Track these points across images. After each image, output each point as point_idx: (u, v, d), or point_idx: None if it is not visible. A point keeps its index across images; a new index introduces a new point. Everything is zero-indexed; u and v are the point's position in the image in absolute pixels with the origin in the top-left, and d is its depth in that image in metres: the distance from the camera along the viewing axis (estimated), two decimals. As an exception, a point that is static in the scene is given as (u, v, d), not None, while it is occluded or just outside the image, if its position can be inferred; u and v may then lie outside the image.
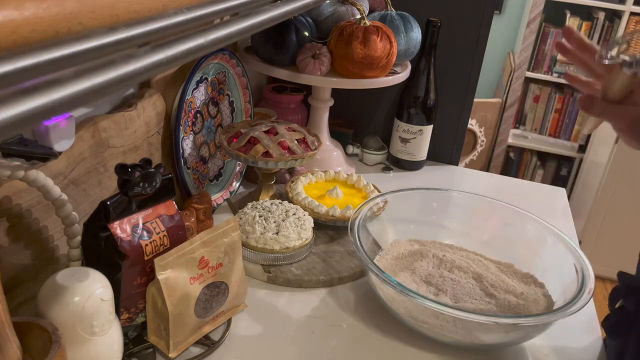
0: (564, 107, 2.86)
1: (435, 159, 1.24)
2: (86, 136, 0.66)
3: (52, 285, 0.52)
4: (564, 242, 0.79)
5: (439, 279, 0.79)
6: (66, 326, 0.50)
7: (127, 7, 0.26)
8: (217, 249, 0.64)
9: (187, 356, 0.64)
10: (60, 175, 0.62)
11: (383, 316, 0.73)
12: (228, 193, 1.00)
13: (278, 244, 0.78)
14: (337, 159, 1.11)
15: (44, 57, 0.21)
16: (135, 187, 0.57)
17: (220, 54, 0.91)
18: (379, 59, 0.96)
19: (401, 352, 0.69)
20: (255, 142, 0.88)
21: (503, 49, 2.93)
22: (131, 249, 0.57)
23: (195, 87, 0.88)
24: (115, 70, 0.24)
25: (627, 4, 2.53)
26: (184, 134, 0.87)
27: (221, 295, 0.66)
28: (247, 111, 1.03)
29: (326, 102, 1.08)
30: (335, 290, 0.79)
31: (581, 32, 2.65)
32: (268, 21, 0.38)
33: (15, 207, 0.56)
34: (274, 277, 0.78)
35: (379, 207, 0.86)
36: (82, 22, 0.23)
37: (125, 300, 0.60)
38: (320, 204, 0.89)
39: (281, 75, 0.99)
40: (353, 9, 1.02)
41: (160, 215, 0.62)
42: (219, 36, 0.32)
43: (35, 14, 0.21)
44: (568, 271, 0.75)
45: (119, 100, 0.78)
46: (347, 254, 0.85)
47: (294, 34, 0.98)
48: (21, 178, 0.53)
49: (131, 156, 0.75)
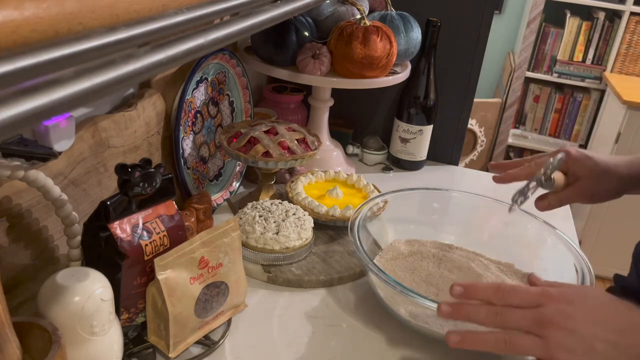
0: (564, 107, 2.86)
1: (435, 159, 1.24)
2: (86, 136, 0.66)
3: (52, 285, 0.52)
4: (564, 242, 0.79)
5: (439, 279, 0.79)
6: (66, 326, 0.50)
7: (127, 7, 0.26)
8: (217, 249, 0.64)
9: (187, 356, 0.64)
10: (60, 175, 0.62)
11: (383, 316, 0.73)
12: (228, 193, 1.00)
13: (278, 244, 0.78)
14: (337, 159, 1.11)
15: (44, 57, 0.21)
16: (135, 187, 0.57)
17: (220, 54, 0.91)
18: (379, 59, 0.96)
19: (401, 352, 0.69)
20: (255, 142, 0.88)
21: (503, 49, 2.93)
22: (131, 249, 0.57)
23: (195, 87, 0.88)
24: (115, 70, 0.24)
25: (627, 4, 2.53)
26: (184, 134, 0.87)
27: (221, 295, 0.66)
28: (247, 111, 1.03)
29: (326, 102, 1.08)
30: (335, 290, 0.79)
31: (581, 32, 2.66)
32: (268, 21, 0.38)
33: (15, 207, 0.56)
34: (274, 277, 0.78)
35: (379, 207, 0.86)
36: (82, 22, 0.23)
37: (125, 300, 0.60)
38: (320, 204, 0.89)
39: (281, 75, 0.99)
40: (353, 9, 1.02)
41: (160, 215, 0.62)
42: (219, 36, 0.32)
43: (35, 14, 0.21)
44: (568, 271, 0.75)
45: (119, 100, 0.78)
46: (347, 254, 0.85)
47: (294, 34, 0.98)
48: (21, 178, 0.53)
49: (131, 156, 0.75)
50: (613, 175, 0.71)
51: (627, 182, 0.72)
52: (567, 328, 0.52)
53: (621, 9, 2.55)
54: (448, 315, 0.58)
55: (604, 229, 2.43)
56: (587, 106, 2.80)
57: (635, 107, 2.27)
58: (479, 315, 0.56)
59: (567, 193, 0.73)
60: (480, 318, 0.56)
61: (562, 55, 2.73)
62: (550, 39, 2.73)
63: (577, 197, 0.72)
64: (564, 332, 0.52)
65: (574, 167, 0.72)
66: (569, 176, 0.73)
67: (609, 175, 0.71)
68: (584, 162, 0.72)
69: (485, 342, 0.55)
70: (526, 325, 0.54)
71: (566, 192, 0.73)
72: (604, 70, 2.69)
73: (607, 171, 0.71)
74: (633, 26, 2.57)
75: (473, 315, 0.57)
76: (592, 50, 2.69)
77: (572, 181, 0.73)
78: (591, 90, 2.78)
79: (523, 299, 0.56)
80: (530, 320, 0.53)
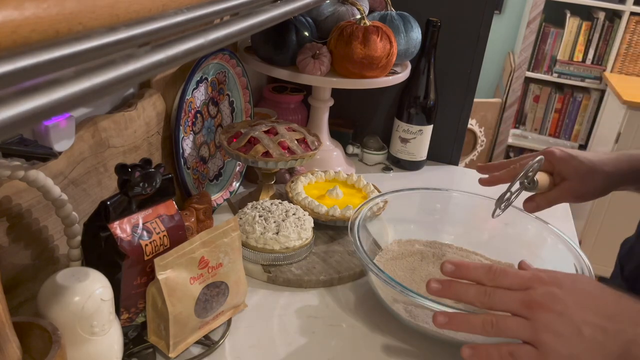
0: (564, 107, 2.86)
1: (435, 159, 1.24)
2: (86, 136, 0.66)
3: (52, 285, 0.52)
4: (564, 242, 0.79)
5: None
6: (66, 326, 0.50)
7: (127, 7, 0.26)
8: (217, 249, 0.64)
9: (187, 356, 0.64)
10: (60, 175, 0.62)
11: (383, 316, 0.73)
12: (228, 193, 1.00)
13: (278, 244, 0.78)
14: (337, 159, 1.11)
15: (44, 57, 0.21)
16: (135, 187, 0.57)
17: (220, 54, 0.91)
18: (379, 59, 0.96)
19: (401, 352, 0.69)
20: (255, 142, 0.88)
21: (503, 49, 2.93)
22: (131, 249, 0.57)
23: (195, 87, 0.88)
24: (115, 70, 0.24)
25: (627, 4, 2.53)
26: (184, 134, 0.87)
27: (221, 295, 0.66)
28: (247, 111, 1.03)
29: (326, 102, 1.08)
30: (335, 290, 0.79)
31: (581, 32, 2.66)
32: (268, 21, 0.38)
33: (15, 207, 0.56)
34: (274, 277, 0.78)
35: (379, 207, 0.86)
36: (82, 22, 0.23)
37: (125, 300, 0.60)
38: (320, 204, 0.89)
39: (281, 75, 0.99)
40: (353, 9, 1.02)
41: (160, 215, 0.62)
42: (219, 36, 0.32)
43: (35, 14, 0.21)
44: (568, 271, 0.75)
45: (119, 100, 0.78)
46: (347, 254, 0.85)
47: (294, 34, 0.98)
48: (21, 178, 0.53)
49: (131, 156, 0.75)
50: (599, 173, 0.71)
51: (614, 179, 0.72)
52: (556, 310, 0.51)
53: (621, 9, 2.55)
54: (437, 292, 0.58)
55: (604, 229, 2.43)
56: (587, 106, 2.80)
57: (635, 107, 2.27)
58: (468, 294, 0.56)
59: (554, 193, 0.73)
60: (469, 297, 0.56)
61: (562, 55, 2.73)
62: (550, 39, 2.73)
63: (564, 196, 0.73)
64: (552, 314, 0.51)
65: (559, 167, 0.73)
66: (555, 176, 0.73)
67: (595, 174, 0.71)
68: (569, 161, 0.72)
69: (472, 324, 0.55)
70: (515, 307, 0.53)
71: (553, 193, 0.73)
72: (604, 70, 2.69)
73: (593, 169, 0.71)
74: (633, 26, 2.57)
75: (462, 294, 0.57)
76: (592, 50, 2.69)
77: (558, 181, 0.73)
78: (591, 90, 2.78)
79: (514, 281, 0.55)
80: (519, 302, 0.53)
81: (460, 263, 0.59)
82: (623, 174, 0.72)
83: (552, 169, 0.74)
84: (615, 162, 0.72)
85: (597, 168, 0.71)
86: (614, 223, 2.38)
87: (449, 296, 0.58)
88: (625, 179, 0.73)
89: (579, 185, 0.72)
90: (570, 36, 2.70)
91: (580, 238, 2.44)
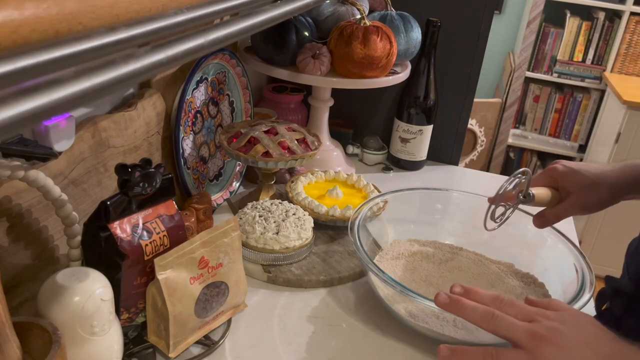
0: (564, 107, 2.86)
1: (435, 159, 1.24)
2: (86, 136, 0.66)
3: (52, 285, 0.52)
4: (564, 242, 0.79)
5: (439, 279, 0.79)
6: (66, 326, 0.50)
7: (127, 7, 0.26)
8: (217, 249, 0.64)
9: (187, 356, 0.64)
10: (60, 175, 0.62)
11: (383, 316, 0.73)
12: (228, 193, 1.00)
13: (278, 244, 0.78)
14: (337, 159, 1.11)
15: (44, 57, 0.21)
16: (135, 187, 0.57)
17: (220, 54, 0.91)
18: (379, 59, 0.96)
19: (401, 352, 0.69)
20: (255, 142, 0.88)
21: (503, 49, 2.93)
22: (131, 249, 0.57)
23: (195, 87, 0.88)
24: (115, 70, 0.24)
25: (627, 4, 2.53)
26: (184, 134, 0.87)
27: (221, 295, 0.66)
28: (247, 111, 1.03)
29: (326, 102, 1.08)
30: (335, 290, 0.79)
31: (581, 32, 2.66)
32: (268, 21, 0.38)
33: (15, 207, 0.56)
34: (274, 277, 0.78)
35: (379, 207, 0.86)
36: (82, 22, 0.23)
37: (125, 300, 0.60)
38: (320, 204, 0.89)
39: (281, 75, 0.99)
40: (353, 9, 1.02)
41: (160, 215, 0.62)
42: (219, 36, 0.32)
43: (35, 14, 0.21)
44: (568, 271, 0.75)
45: (119, 100, 0.78)
46: (347, 254, 0.85)
47: (294, 34, 0.98)
48: (21, 178, 0.53)
49: (131, 156, 0.75)
50: (602, 185, 0.73)
51: (619, 189, 0.73)
52: (559, 344, 0.52)
53: (621, 9, 2.55)
54: (444, 305, 0.58)
55: (604, 229, 2.43)
56: (587, 106, 2.80)
57: (635, 107, 2.27)
58: (475, 314, 0.57)
59: (561, 208, 0.75)
60: (475, 317, 0.57)
61: (562, 55, 2.73)
62: (550, 39, 2.73)
63: (572, 209, 0.75)
64: (554, 347, 0.52)
65: (562, 182, 0.75)
66: (560, 191, 0.75)
67: (598, 185, 0.73)
68: (571, 176, 0.74)
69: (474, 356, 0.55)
70: (519, 336, 0.54)
71: (561, 207, 0.75)
72: (604, 70, 2.69)
73: (595, 181, 0.73)
74: (633, 26, 2.57)
75: (469, 312, 0.57)
76: (592, 50, 2.69)
77: (564, 196, 0.75)
78: (591, 90, 2.78)
79: (519, 311, 0.56)
80: (524, 331, 0.54)
81: (469, 288, 0.60)
82: (627, 184, 0.73)
83: (555, 184, 0.75)
84: (619, 172, 0.74)
85: (599, 180, 0.73)
86: (614, 223, 2.38)
87: (456, 312, 0.58)
88: (630, 189, 0.74)
89: (584, 198, 0.73)
90: (570, 36, 2.70)
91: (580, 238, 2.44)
